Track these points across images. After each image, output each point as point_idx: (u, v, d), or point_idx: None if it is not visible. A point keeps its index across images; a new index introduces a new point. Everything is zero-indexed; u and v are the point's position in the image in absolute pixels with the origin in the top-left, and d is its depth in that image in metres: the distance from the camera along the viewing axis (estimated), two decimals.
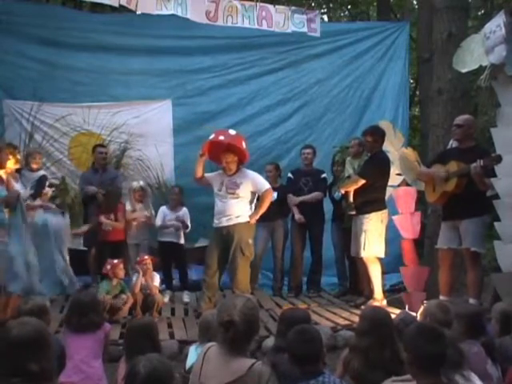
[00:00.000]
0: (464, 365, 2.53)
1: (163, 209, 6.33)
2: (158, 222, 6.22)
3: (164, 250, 6.23)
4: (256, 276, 6.68)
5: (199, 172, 5.46)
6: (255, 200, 5.51)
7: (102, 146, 6.74)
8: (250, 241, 5.33)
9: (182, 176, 7.38)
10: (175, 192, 6.37)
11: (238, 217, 5.29)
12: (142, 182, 6.62)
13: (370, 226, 5.43)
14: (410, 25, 8.81)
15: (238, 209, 5.31)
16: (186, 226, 6.23)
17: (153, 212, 6.42)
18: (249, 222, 5.33)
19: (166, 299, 6.02)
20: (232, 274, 5.46)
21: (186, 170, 7.45)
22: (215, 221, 5.40)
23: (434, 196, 5.13)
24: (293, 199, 6.51)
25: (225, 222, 5.30)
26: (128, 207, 6.33)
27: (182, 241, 6.29)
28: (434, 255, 5.45)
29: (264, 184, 5.45)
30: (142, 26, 7.70)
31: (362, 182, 5.48)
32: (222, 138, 5.33)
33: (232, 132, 5.51)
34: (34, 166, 5.89)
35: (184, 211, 6.31)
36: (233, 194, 5.31)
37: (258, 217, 5.40)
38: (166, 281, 6.29)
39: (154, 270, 6.29)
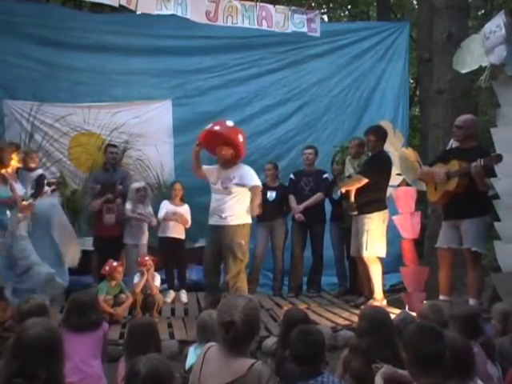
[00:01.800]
0: (474, 370, 2.52)
1: (165, 203, 6.36)
2: (161, 214, 6.24)
3: (164, 246, 6.25)
4: (257, 278, 6.67)
5: (195, 163, 5.18)
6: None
7: (113, 145, 6.81)
8: (243, 242, 4.96)
9: (181, 176, 7.36)
10: (178, 188, 6.37)
11: (231, 216, 4.95)
12: (143, 183, 6.63)
13: (372, 226, 5.43)
14: (410, 25, 8.81)
15: (232, 207, 4.96)
16: (186, 222, 6.26)
17: (152, 212, 6.43)
18: (242, 224, 4.99)
19: (169, 299, 6.00)
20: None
21: (186, 170, 7.44)
22: (209, 218, 5.12)
23: (435, 195, 5.12)
24: (296, 208, 6.49)
25: (218, 221, 5.01)
26: (128, 206, 6.34)
27: (183, 236, 6.28)
28: (434, 255, 5.45)
29: (252, 179, 5.03)
30: (142, 26, 7.70)
31: (365, 181, 5.47)
32: (217, 128, 5.03)
33: (229, 123, 5.10)
34: (32, 166, 5.89)
35: (185, 207, 6.35)
36: (226, 188, 4.98)
37: (255, 211, 5.05)
38: (168, 280, 6.28)
39: (156, 269, 6.29)
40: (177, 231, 6.24)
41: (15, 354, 1.94)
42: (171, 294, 6.15)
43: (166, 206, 6.30)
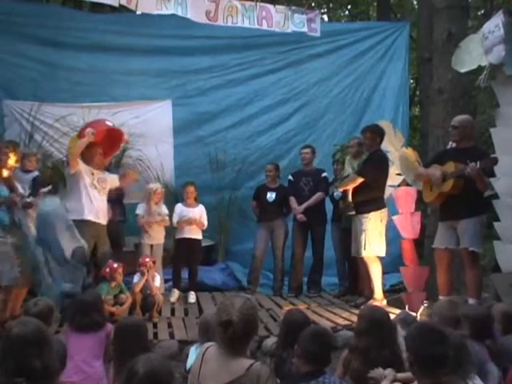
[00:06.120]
0: (471, 368, 2.53)
1: (179, 206, 6.30)
2: (175, 219, 6.19)
3: (180, 246, 6.21)
4: (257, 278, 6.67)
5: (81, 150, 5.31)
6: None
7: None
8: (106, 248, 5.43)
9: (181, 176, 7.38)
10: (190, 190, 6.29)
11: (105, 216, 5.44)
12: (159, 184, 6.60)
13: (369, 226, 5.43)
14: (410, 25, 8.81)
15: (105, 207, 5.48)
16: (201, 225, 6.21)
17: (166, 212, 6.39)
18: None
19: (173, 299, 5.96)
20: None
21: (186, 170, 7.51)
22: (87, 213, 5.22)
23: (430, 196, 5.12)
24: (297, 209, 6.47)
25: (100, 219, 5.32)
26: (139, 211, 6.25)
27: (200, 236, 6.25)
28: (433, 255, 5.45)
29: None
30: (142, 26, 7.70)
31: (360, 180, 5.48)
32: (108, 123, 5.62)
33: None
34: (29, 168, 5.81)
35: (199, 208, 6.29)
36: (105, 189, 5.43)
37: None
38: (174, 279, 6.23)
39: (165, 266, 6.25)
40: (193, 232, 6.17)
41: (7, 353, 1.96)
42: (175, 293, 6.09)
43: (179, 210, 6.23)
